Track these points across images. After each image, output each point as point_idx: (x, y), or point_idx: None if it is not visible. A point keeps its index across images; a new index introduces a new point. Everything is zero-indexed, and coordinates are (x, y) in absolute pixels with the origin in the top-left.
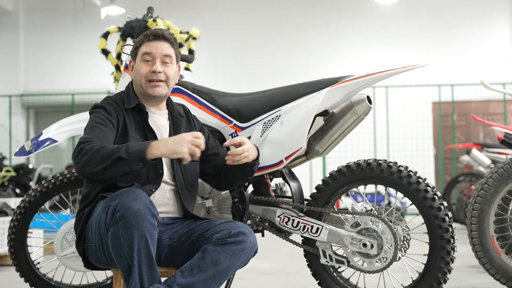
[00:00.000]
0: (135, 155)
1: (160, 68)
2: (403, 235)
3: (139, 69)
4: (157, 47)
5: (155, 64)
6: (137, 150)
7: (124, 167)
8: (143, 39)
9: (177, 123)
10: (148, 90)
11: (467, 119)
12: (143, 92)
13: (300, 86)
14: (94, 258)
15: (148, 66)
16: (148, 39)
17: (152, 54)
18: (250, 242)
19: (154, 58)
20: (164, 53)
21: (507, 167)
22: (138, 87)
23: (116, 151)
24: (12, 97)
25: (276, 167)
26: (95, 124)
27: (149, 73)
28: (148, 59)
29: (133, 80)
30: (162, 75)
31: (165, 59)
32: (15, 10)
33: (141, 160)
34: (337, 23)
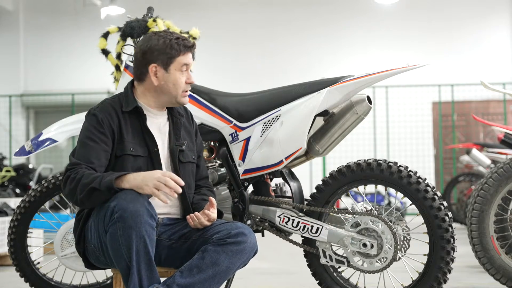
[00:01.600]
0: (105, 185)
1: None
2: (403, 235)
3: (177, 80)
4: (191, 57)
5: (190, 75)
6: (107, 180)
7: (98, 197)
8: (183, 50)
9: (177, 122)
10: (182, 100)
11: (467, 119)
12: (174, 101)
13: (300, 86)
14: (94, 258)
15: (184, 77)
16: (188, 50)
17: (189, 65)
18: (250, 242)
19: (188, 69)
20: (192, 63)
21: (507, 167)
22: (170, 97)
23: (93, 181)
24: (12, 97)
25: (276, 167)
26: (85, 140)
27: (185, 85)
28: (184, 70)
29: (161, 88)
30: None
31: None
32: (15, 10)
33: (111, 189)
34: (337, 23)
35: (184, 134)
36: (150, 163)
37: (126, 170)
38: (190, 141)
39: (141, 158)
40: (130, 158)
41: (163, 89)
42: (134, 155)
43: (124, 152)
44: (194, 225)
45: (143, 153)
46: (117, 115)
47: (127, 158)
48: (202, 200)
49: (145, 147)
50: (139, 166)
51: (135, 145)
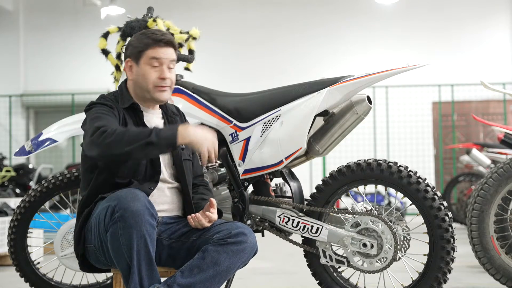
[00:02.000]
0: (165, 141)
1: (168, 74)
2: (403, 235)
3: (146, 74)
4: (165, 53)
5: (164, 70)
6: (167, 136)
7: (153, 152)
8: (151, 44)
9: (172, 122)
10: (155, 95)
11: (467, 119)
12: (148, 96)
13: (300, 86)
14: (94, 258)
15: (156, 71)
16: (158, 45)
17: (160, 59)
18: (250, 242)
19: (161, 64)
20: (171, 59)
21: (507, 167)
22: (142, 91)
23: (145, 136)
24: (12, 97)
25: (276, 167)
26: (100, 114)
27: (157, 80)
28: (156, 65)
29: (135, 82)
30: (168, 81)
31: (170, 64)
32: (15, 10)
33: (172, 145)
34: (337, 23)
35: None
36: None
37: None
38: None
39: None
40: None
41: (136, 83)
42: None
43: None
44: (194, 225)
45: None
46: (118, 108)
47: None
48: (202, 200)
49: None
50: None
51: None
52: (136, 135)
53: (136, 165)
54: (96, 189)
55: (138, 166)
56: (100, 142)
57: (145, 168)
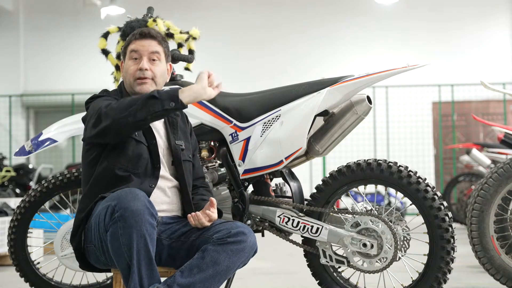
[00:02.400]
0: (167, 94)
1: (146, 65)
2: (403, 235)
3: (127, 68)
4: (144, 45)
5: (142, 61)
6: (169, 91)
7: (156, 105)
8: (131, 38)
9: (173, 122)
10: (136, 87)
11: (467, 119)
12: (132, 90)
13: (300, 86)
14: (94, 258)
15: (135, 64)
16: (135, 38)
17: (139, 51)
18: (250, 242)
19: (141, 56)
20: (151, 50)
21: (507, 167)
22: (128, 87)
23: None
24: (12, 97)
25: (276, 167)
26: (105, 101)
27: (136, 72)
28: (135, 57)
29: (124, 80)
30: (148, 72)
31: (152, 56)
32: (15, 10)
33: (174, 99)
34: (337, 23)
35: (180, 134)
36: (149, 154)
37: (127, 153)
38: (185, 141)
39: (142, 146)
40: (133, 142)
41: (123, 78)
42: (137, 140)
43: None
44: (194, 224)
45: (144, 141)
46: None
47: (130, 141)
48: (202, 200)
49: (145, 139)
50: (139, 152)
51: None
52: (139, 96)
53: (138, 154)
54: (97, 181)
55: (139, 159)
56: (106, 112)
57: (146, 162)
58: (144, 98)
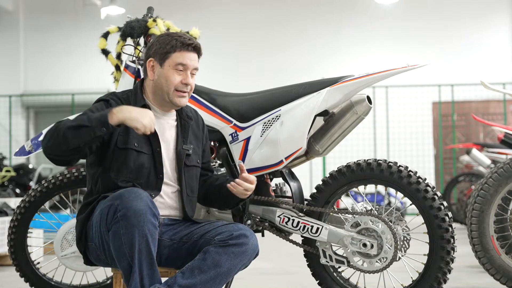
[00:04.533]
0: (97, 121)
1: (191, 81)
2: (403, 235)
3: (169, 76)
4: (191, 59)
5: (187, 76)
6: (99, 116)
7: (87, 134)
8: (180, 47)
9: (185, 125)
10: (174, 99)
11: (467, 119)
12: (167, 99)
13: (300, 86)
14: (95, 257)
15: (179, 76)
16: (186, 49)
17: (186, 65)
18: (251, 244)
19: (186, 69)
20: (195, 66)
21: (507, 167)
22: (162, 93)
23: (79, 119)
24: (12, 97)
25: (276, 167)
26: (87, 110)
27: (179, 84)
28: (181, 69)
29: (156, 84)
30: (189, 87)
31: (193, 71)
32: (15, 10)
33: (104, 124)
34: (337, 23)
35: (191, 138)
36: (153, 162)
37: (128, 164)
38: (196, 145)
39: (144, 155)
40: (134, 153)
41: (157, 84)
42: (137, 150)
43: (127, 146)
44: (236, 191)
45: (147, 151)
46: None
47: (131, 152)
48: (223, 176)
49: (149, 145)
50: (141, 162)
51: (139, 141)
52: (70, 122)
53: (140, 165)
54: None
55: (141, 170)
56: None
57: (148, 172)
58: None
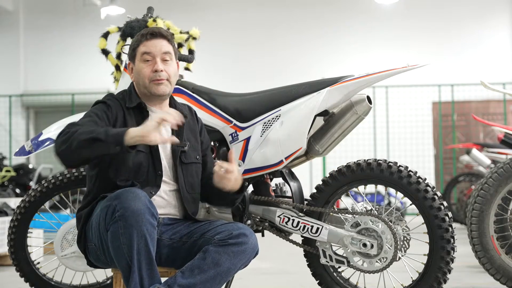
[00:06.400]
0: (112, 138)
1: (161, 66)
2: (403, 235)
3: (140, 70)
4: (156, 45)
5: (156, 63)
6: (115, 133)
7: (100, 148)
8: (140, 39)
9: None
10: (152, 89)
11: (467, 119)
12: (147, 92)
13: (300, 86)
14: (94, 257)
15: (149, 66)
16: (145, 39)
17: (151, 53)
18: (251, 243)
19: (154, 57)
20: (164, 51)
21: (507, 167)
22: (142, 88)
23: (94, 132)
24: (12, 97)
25: (276, 167)
26: (90, 113)
27: (151, 73)
28: (148, 59)
29: (135, 82)
30: (164, 73)
31: (165, 56)
32: (15, 10)
33: (119, 143)
34: (337, 23)
35: (188, 134)
36: (151, 159)
37: (127, 163)
38: (194, 141)
39: (142, 153)
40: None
41: (136, 81)
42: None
43: None
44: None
45: (144, 149)
46: (122, 108)
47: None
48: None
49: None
50: (139, 161)
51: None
52: (86, 132)
53: (138, 163)
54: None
55: (139, 169)
56: (56, 140)
57: (146, 170)
58: (90, 139)
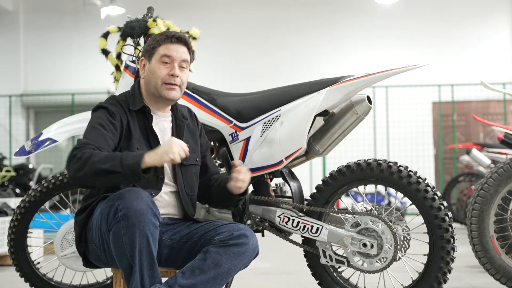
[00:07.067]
0: (129, 169)
1: (178, 72)
2: (403, 235)
3: (156, 70)
4: (178, 51)
5: (174, 68)
6: (132, 163)
7: (118, 179)
8: (163, 40)
9: (180, 125)
10: (163, 92)
11: (467, 119)
12: (157, 93)
13: (300, 86)
14: (94, 257)
15: (166, 68)
16: (170, 41)
17: (172, 57)
18: (251, 244)
19: (173, 61)
20: (183, 58)
21: (507, 167)
22: (152, 88)
23: (110, 162)
24: (12, 97)
25: (276, 167)
26: (96, 125)
27: (166, 76)
28: (167, 61)
29: (146, 80)
30: (178, 79)
31: (182, 63)
32: (15, 10)
33: (136, 174)
34: (337, 23)
35: (188, 137)
36: None
37: None
38: (194, 143)
39: None
40: None
41: (147, 80)
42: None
43: (130, 149)
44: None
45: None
46: (125, 112)
47: None
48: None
49: (150, 147)
50: None
51: (141, 144)
52: (101, 162)
53: None
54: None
55: None
56: (69, 167)
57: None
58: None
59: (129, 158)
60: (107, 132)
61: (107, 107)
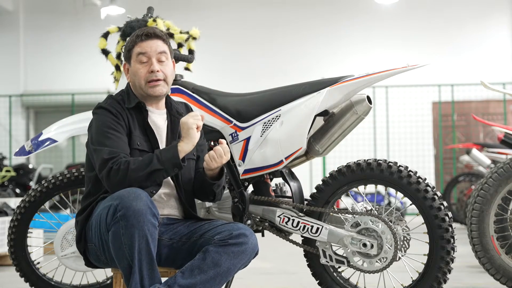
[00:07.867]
0: (169, 163)
1: (157, 67)
2: (403, 235)
3: (136, 71)
4: (151, 46)
5: (152, 64)
6: (170, 156)
7: (161, 176)
8: (135, 40)
9: (175, 122)
10: (148, 91)
11: (467, 119)
12: (144, 93)
13: (300, 86)
14: (94, 257)
15: (145, 67)
16: (140, 39)
17: (147, 53)
18: (251, 244)
19: (149, 57)
20: (159, 51)
21: (507, 167)
22: (138, 89)
23: (149, 164)
24: (12, 97)
25: (276, 167)
26: (108, 131)
27: (147, 74)
28: (144, 60)
29: (132, 83)
30: (160, 74)
31: (160, 57)
32: (15, 10)
33: (177, 165)
34: (337, 23)
35: None
36: None
37: None
38: None
39: (146, 154)
40: (137, 152)
41: (132, 82)
42: (140, 149)
43: (132, 146)
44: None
45: (148, 149)
46: (124, 110)
47: (134, 152)
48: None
49: (148, 142)
50: None
51: (141, 140)
52: (141, 166)
53: None
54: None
55: None
56: (110, 182)
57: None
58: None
59: (165, 153)
60: (121, 135)
61: (109, 108)
